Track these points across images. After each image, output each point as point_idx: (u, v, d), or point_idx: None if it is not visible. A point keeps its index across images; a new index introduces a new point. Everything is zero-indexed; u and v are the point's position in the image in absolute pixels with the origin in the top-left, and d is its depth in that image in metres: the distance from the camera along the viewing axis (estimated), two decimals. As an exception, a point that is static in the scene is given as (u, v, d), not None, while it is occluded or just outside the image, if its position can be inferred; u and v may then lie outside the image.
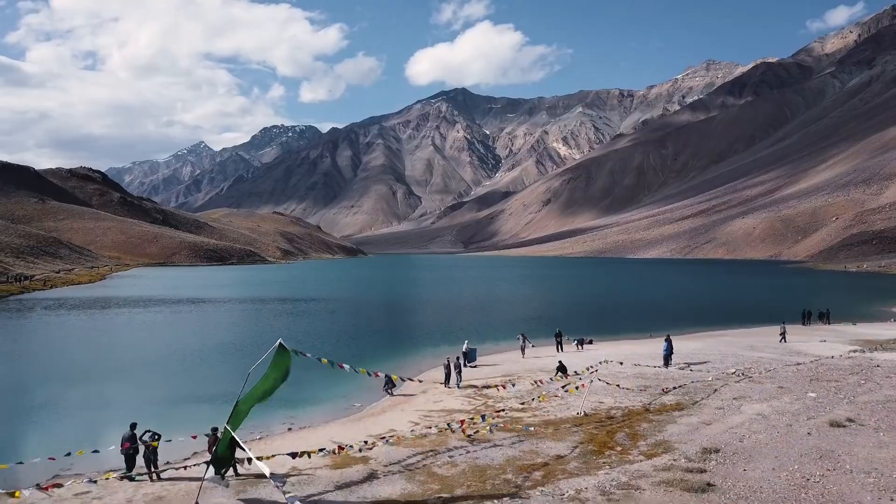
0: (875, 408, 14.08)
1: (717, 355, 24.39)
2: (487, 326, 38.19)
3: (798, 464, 10.87)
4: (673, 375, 20.08)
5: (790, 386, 16.86)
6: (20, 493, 8.94)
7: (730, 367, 21.15)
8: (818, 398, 15.36)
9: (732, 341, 29.56)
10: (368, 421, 16.54)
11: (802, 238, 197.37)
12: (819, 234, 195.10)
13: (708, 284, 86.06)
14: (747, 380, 18.14)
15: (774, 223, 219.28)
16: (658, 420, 14.42)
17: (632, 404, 16.41)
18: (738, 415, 14.31)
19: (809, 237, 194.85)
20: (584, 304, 56.52)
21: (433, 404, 17.82)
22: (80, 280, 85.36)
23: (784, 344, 28.34)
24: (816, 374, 18.24)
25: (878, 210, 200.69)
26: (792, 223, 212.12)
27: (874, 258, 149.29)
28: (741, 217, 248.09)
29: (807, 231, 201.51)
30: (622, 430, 13.79)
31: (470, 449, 13.11)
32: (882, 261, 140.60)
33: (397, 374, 19.11)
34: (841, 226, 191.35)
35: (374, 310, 52.18)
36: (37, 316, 43.11)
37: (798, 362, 21.27)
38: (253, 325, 39.91)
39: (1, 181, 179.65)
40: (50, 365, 25.58)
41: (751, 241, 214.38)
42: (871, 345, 27.55)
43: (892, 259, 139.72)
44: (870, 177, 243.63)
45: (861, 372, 18.25)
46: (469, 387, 20.14)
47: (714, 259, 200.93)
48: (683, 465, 10.95)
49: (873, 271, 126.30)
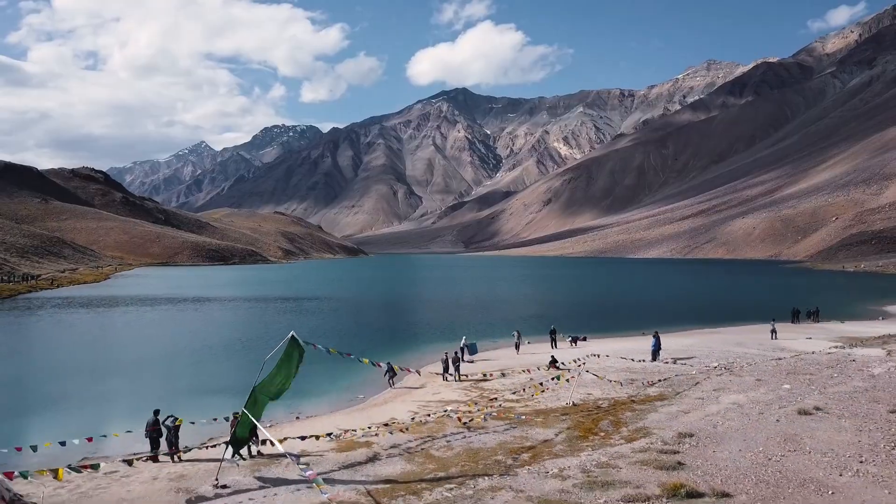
0: (842, 397, 15.13)
1: (704, 351, 25.47)
2: (485, 324, 39.25)
3: (763, 446, 11.93)
4: (659, 369, 21.17)
5: (768, 378, 17.92)
6: (62, 473, 10.00)
7: (714, 361, 22.23)
8: (792, 389, 16.42)
9: (723, 338, 30.65)
10: (371, 410, 17.64)
11: (802, 238, 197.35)
12: (819, 234, 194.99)
13: (705, 284, 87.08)
14: (729, 373, 19.21)
15: (774, 223, 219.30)
16: (641, 409, 15.49)
17: (618, 395, 17.50)
18: (715, 404, 15.38)
19: (809, 237, 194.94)
20: (581, 304, 57.55)
21: (432, 395, 18.92)
22: (85, 280, 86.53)
23: (773, 341, 29.38)
24: (794, 368, 19.31)
25: (878, 210, 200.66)
26: (792, 223, 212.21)
27: (872, 258, 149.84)
28: (741, 217, 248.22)
29: (807, 231, 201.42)
30: (606, 418, 14.86)
31: (465, 435, 14.19)
32: (880, 261, 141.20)
33: (393, 383, 20.84)
34: (841, 226, 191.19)
35: (375, 309, 53.28)
36: (48, 314, 44.25)
37: (779, 357, 22.35)
38: (259, 323, 41.03)
39: (4, 181, 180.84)
40: (71, 359, 26.80)
41: (751, 241, 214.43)
42: (854, 341, 28.60)
43: (891, 259, 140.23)
44: (870, 177, 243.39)
45: (836, 366, 19.30)
46: (466, 380, 21.24)
47: (714, 259, 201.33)
48: (659, 448, 12.02)
49: (871, 271, 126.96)
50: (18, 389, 21.22)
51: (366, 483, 11.15)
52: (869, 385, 16.07)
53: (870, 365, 18.87)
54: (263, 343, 29.32)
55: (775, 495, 9.56)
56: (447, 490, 10.39)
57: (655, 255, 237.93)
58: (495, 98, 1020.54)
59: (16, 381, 22.53)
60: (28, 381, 22.41)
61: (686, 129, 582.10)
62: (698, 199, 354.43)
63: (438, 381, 21.18)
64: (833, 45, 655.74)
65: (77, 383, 21.94)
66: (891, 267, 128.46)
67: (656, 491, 9.72)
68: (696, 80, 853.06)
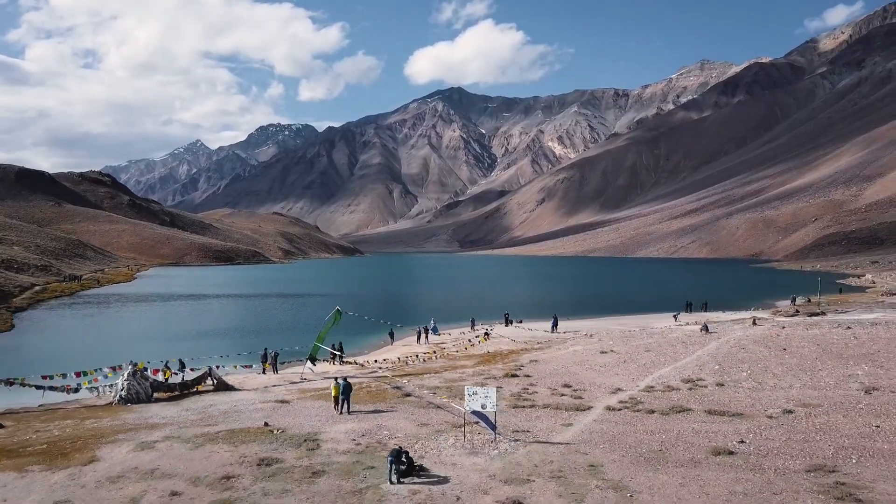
0: (632, 346, 27.57)
1: (594, 328, 38.01)
2: (453, 313, 51.62)
3: (566, 365, 24.38)
4: (550, 336, 33.74)
5: (605, 339, 30.45)
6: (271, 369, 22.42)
7: (589, 333, 34.75)
8: (608, 343, 28.85)
9: (618, 321, 43.27)
10: (379, 353, 30.23)
11: (783, 238, 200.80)
12: (798, 234, 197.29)
13: (659, 280, 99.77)
14: (588, 338, 31.77)
15: (757, 224, 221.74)
16: (521, 352, 28.01)
17: (515, 348, 30.03)
18: (561, 350, 27.87)
19: (789, 237, 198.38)
20: (543, 296, 70.20)
21: (410, 349, 31.53)
22: (118, 279, 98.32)
23: (646, 322, 41.59)
24: (630, 335, 31.83)
25: (855, 211, 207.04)
26: (773, 224, 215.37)
27: (834, 259, 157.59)
28: (726, 218, 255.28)
29: (787, 231, 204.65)
30: (500, 359, 27.33)
31: (424, 361, 26.66)
32: (836, 261, 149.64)
33: (394, 339, 34.58)
34: (819, 226, 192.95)
35: (374, 301, 65.87)
36: (120, 305, 56.63)
37: (630, 330, 34.93)
38: (291, 311, 54.10)
39: (19, 186, 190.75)
40: (189, 330, 39.99)
41: (734, 241, 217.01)
42: (712, 323, 40.95)
43: (850, 259, 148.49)
44: (850, 178, 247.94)
45: (659, 335, 31.77)
46: (431, 343, 33.89)
47: (696, 258, 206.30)
48: (514, 366, 24.48)
49: (825, 270, 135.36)
50: (186, 341, 34.25)
51: (379, 377, 23.64)
52: (651, 342, 28.62)
53: (671, 333, 31.40)
54: (301, 323, 42.21)
55: (559, 377, 21.99)
56: (415, 377, 22.82)
57: (644, 254, 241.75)
58: (490, 97, 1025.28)
59: (178, 337, 35.98)
60: (180, 338, 35.11)
61: (678, 130, 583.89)
62: (688, 199, 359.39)
63: (413, 343, 33.86)
64: (825, 45, 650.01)
65: (208, 341, 35.33)
66: (842, 267, 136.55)
67: (501, 375, 22.19)
68: (689, 80, 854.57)
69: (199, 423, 16.57)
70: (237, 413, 17.82)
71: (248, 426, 16.06)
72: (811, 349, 24.17)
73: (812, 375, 19.85)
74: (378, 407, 18.14)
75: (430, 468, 12.35)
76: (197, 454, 13.60)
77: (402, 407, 18.05)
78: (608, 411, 16.63)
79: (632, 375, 21.52)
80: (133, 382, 19.77)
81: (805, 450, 12.76)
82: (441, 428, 15.39)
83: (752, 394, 17.91)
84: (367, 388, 21.28)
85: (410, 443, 13.98)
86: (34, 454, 14.14)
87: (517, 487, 11.18)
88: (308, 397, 19.94)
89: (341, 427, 15.71)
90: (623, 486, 11.09)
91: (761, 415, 15.64)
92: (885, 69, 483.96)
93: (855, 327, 31.32)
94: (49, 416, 18.69)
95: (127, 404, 19.48)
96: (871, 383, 18.33)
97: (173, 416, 17.70)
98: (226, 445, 14.19)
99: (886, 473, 11.21)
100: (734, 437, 13.74)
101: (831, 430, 14.01)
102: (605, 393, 18.97)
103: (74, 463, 13.30)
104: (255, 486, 11.64)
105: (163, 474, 12.41)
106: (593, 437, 14.22)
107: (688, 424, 15.06)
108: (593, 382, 20.70)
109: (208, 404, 19.21)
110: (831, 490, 10.49)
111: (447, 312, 51.81)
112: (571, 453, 13.01)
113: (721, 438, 13.73)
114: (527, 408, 17.34)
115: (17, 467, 13.13)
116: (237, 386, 22.43)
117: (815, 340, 26.19)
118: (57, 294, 65.87)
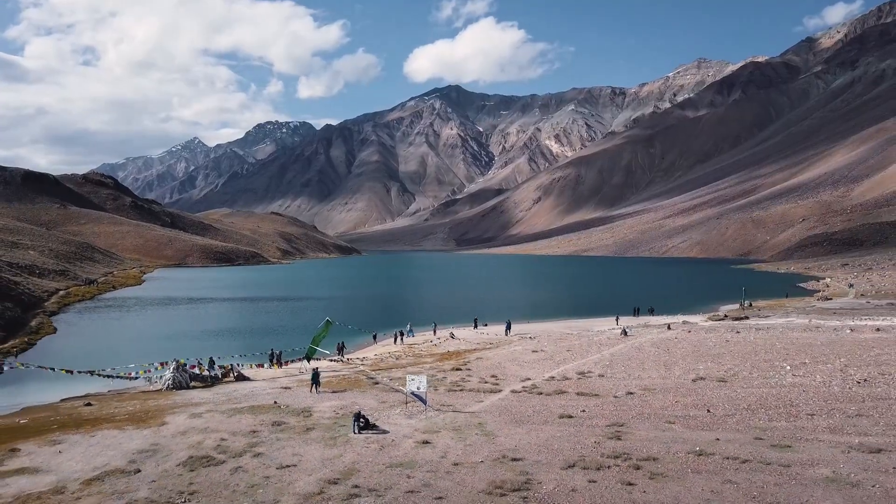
0: (560, 346, 35.08)
1: (540, 331, 45.60)
2: (433, 316, 59.22)
3: (501, 362, 31.92)
4: (501, 338, 41.41)
5: (543, 341, 38.01)
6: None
7: (534, 335, 42.34)
8: (543, 344, 36.38)
9: (566, 324, 50.86)
10: (362, 352, 37.79)
11: (771, 238, 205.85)
12: (785, 234, 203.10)
13: (629, 283, 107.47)
14: (529, 339, 39.38)
15: (746, 224, 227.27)
16: (472, 351, 35.58)
17: (469, 348, 37.61)
18: (506, 350, 35.42)
19: (776, 238, 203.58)
20: (516, 298, 77.90)
21: (386, 349, 39.17)
22: (129, 282, 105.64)
23: (594, 325, 49.16)
24: (563, 337, 39.39)
25: (840, 212, 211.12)
26: (762, 224, 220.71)
27: (814, 259, 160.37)
28: (717, 218, 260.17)
29: (776, 231, 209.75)
30: (454, 357, 34.87)
31: (397, 359, 34.22)
32: (813, 262, 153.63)
33: (377, 340, 41.69)
34: (806, 227, 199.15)
35: (364, 305, 73.45)
36: (140, 308, 64.15)
37: (569, 333, 42.54)
38: (291, 314, 61.53)
39: (25, 188, 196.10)
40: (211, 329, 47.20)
41: (724, 241, 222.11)
42: (647, 327, 48.52)
43: (827, 260, 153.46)
44: (839, 179, 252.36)
45: (587, 337, 39.31)
46: (403, 344, 41.48)
47: (686, 258, 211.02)
48: (461, 363, 32.02)
49: (797, 272, 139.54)
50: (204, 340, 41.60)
51: (358, 370, 31.17)
52: (577, 343, 36.22)
53: (598, 336, 39.05)
54: (306, 323, 49.85)
55: (491, 370, 29.54)
56: (385, 371, 30.36)
57: (636, 254, 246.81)
58: (488, 95, 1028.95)
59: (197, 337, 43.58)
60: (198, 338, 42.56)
61: (673, 129, 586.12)
62: (682, 198, 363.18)
63: (391, 344, 41.51)
64: (820, 44, 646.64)
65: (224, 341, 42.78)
66: (814, 269, 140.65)
67: (449, 369, 29.75)
68: (686, 79, 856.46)
69: (228, 402, 24.08)
70: (254, 395, 25.33)
71: (262, 404, 23.56)
72: (686, 350, 31.77)
73: (668, 369, 27.42)
74: (354, 391, 25.68)
75: (380, 426, 19.83)
76: (231, 420, 21.10)
77: (371, 391, 25.59)
78: (512, 393, 24.14)
79: (544, 369, 29.09)
80: (177, 374, 27.30)
81: (615, 414, 20.27)
82: (393, 403, 22.90)
83: (616, 382, 25.47)
84: (348, 378, 28.83)
85: (371, 413, 21.47)
86: (123, 420, 21.63)
87: (429, 435, 18.65)
88: (304, 385, 27.46)
89: (327, 404, 23.23)
90: (492, 433, 18.54)
91: (610, 395, 23.17)
92: (878, 69, 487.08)
93: (746, 332, 38.98)
94: (119, 398, 26.21)
95: (173, 390, 27.00)
96: (704, 374, 25.90)
97: (209, 398, 25.18)
98: (249, 415, 21.67)
99: (647, 424, 18.72)
100: (580, 409, 21.23)
101: (645, 405, 21.51)
102: (517, 381, 26.50)
103: (153, 424, 20.81)
104: (271, 435, 19.12)
105: (212, 430, 19.88)
106: (492, 409, 21.71)
107: (560, 401, 22.56)
108: (514, 374, 28.24)
109: (232, 390, 26.74)
110: (610, 433, 17.97)
111: (425, 315, 59.45)
112: (472, 418, 20.50)
113: (572, 409, 21.22)
114: (458, 391, 24.85)
115: (118, 427, 20.63)
116: (252, 377, 30.00)
117: (697, 343, 33.84)
118: (79, 298, 73.23)
